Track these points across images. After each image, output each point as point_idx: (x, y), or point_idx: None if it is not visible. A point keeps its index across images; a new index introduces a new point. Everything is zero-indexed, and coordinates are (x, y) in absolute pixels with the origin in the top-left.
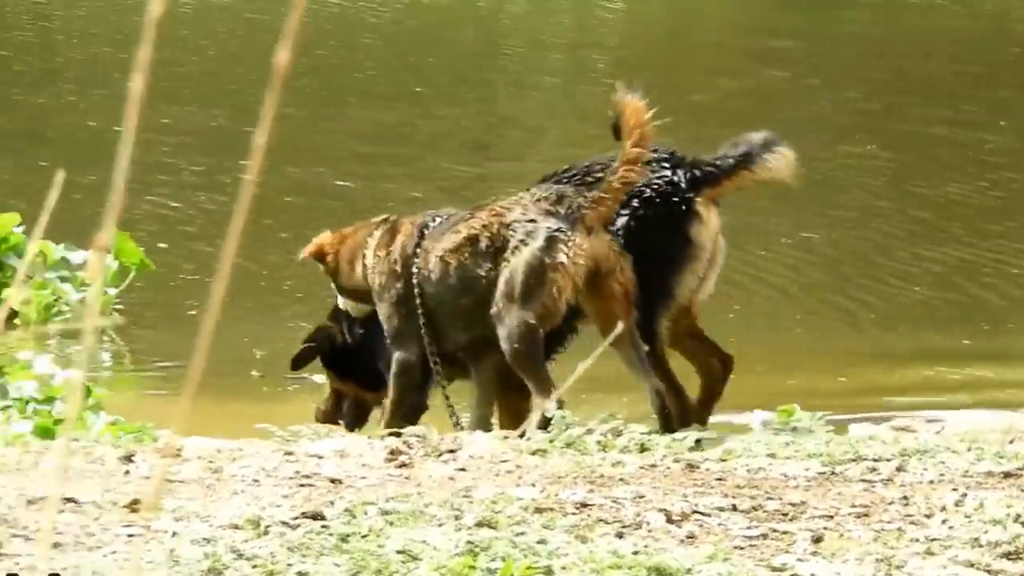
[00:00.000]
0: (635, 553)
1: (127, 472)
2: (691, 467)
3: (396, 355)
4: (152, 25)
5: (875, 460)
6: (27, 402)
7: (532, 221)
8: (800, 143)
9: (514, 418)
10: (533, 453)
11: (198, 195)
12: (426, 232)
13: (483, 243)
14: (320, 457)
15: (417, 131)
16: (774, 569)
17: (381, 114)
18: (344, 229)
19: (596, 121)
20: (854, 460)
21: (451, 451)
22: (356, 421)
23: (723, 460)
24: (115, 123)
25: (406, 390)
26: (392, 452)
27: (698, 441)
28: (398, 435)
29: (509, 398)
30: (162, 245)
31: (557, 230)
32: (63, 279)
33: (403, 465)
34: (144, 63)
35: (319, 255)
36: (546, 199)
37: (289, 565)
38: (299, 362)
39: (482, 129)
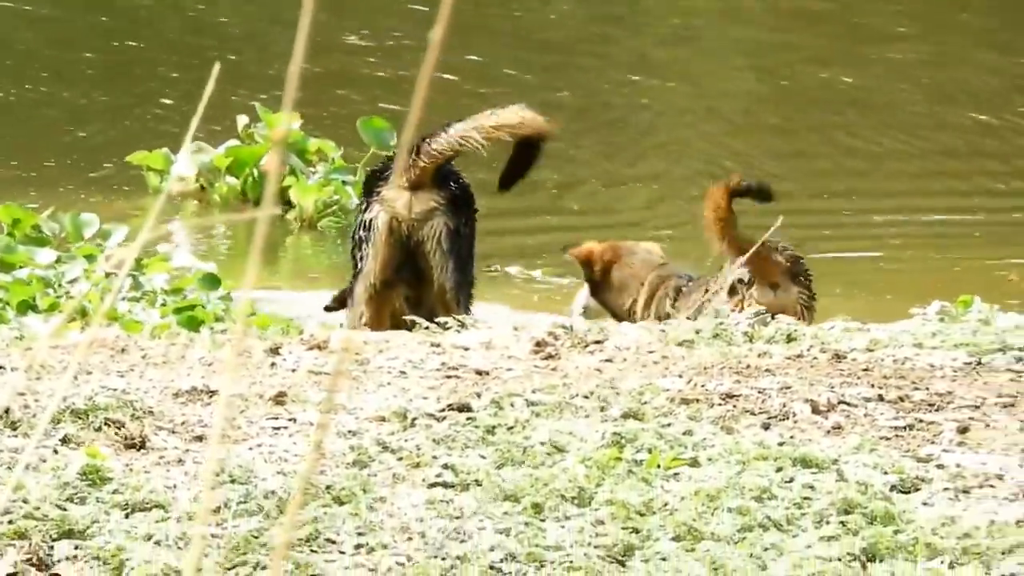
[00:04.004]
0: (781, 444)
1: (273, 365)
2: (837, 357)
3: None
4: None
5: (1022, 350)
6: (157, 293)
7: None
8: None
9: None
10: (680, 344)
11: None
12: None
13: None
14: (466, 349)
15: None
16: (920, 460)
17: None
18: (619, 245)
19: None
20: (1001, 350)
21: (597, 342)
22: None
23: (869, 350)
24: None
25: None
26: (538, 344)
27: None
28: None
29: None
30: None
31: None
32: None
33: (549, 357)
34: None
35: (586, 262)
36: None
37: (435, 457)
38: (329, 309)
39: None
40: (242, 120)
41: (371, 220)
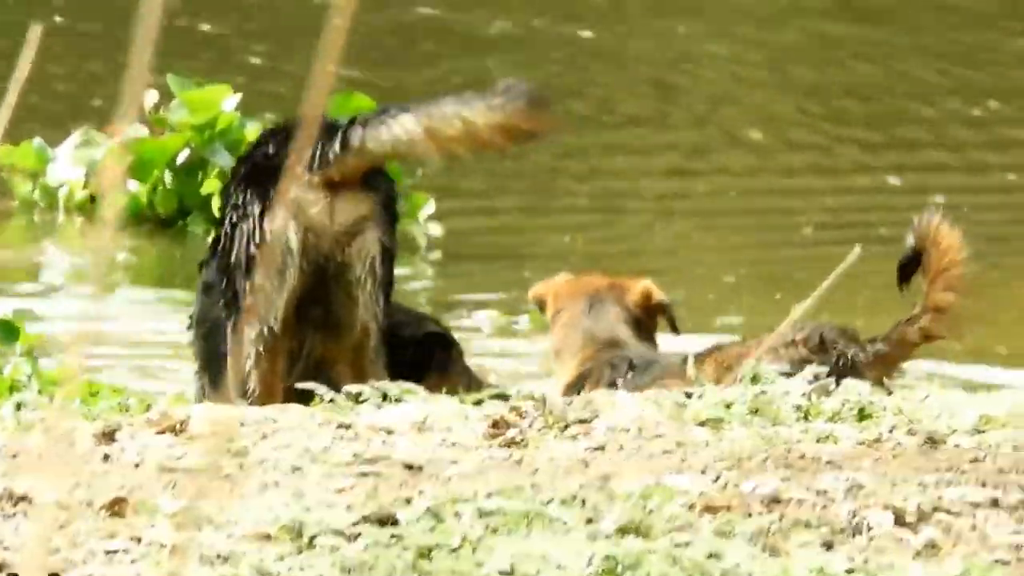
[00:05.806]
0: (850, 571)
1: (107, 457)
2: (932, 442)
3: None
4: None
5: None
6: None
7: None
8: None
9: None
10: (702, 423)
11: None
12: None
13: None
14: (390, 432)
15: None
16: None
17: None
18: (579, 290)
19: None
20: None
21: (582, 421)
22: None
23: (979, 431)
24: None
25: None
26: (495, 424)
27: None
28: (505, 398)
29: None
30: None
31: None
32: None
33: (512, 443)
34: None
35: (540, 303)
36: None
37: None
38: None
39: None
40: (151, 98)
41: (272, 232)
